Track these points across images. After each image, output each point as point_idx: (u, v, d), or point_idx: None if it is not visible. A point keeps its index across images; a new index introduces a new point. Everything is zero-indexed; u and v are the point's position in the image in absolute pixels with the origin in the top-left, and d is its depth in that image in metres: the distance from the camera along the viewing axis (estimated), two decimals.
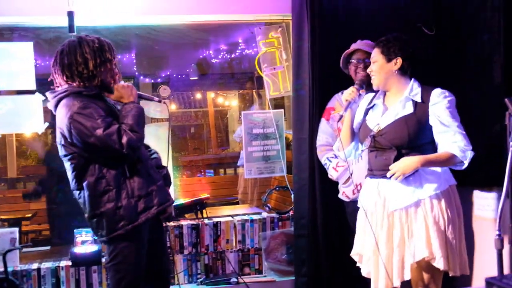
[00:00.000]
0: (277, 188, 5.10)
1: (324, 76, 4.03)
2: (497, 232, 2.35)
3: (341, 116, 3.20)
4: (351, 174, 3.66)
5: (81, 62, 2.91)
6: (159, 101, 3.42)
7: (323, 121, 3.89)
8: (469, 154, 2.95)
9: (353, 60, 3.70)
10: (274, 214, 4.56)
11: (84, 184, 2.91)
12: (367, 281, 3.19)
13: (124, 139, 2.82)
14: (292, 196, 4.31)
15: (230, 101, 13.79)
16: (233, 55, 9.20)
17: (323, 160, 3.85)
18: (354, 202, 3.61)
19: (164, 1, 4.22)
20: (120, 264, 2.96)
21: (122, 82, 3.07)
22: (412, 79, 3.13)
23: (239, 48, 8.60)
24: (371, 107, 3.24)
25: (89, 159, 2.90)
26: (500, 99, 3.46)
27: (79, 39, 2.97)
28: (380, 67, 3.12)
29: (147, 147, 3.29)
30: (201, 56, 9.61)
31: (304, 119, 4.06)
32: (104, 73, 2.98)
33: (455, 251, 3.00)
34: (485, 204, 3.79)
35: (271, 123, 4.55)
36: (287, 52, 4.47)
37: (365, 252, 3.17)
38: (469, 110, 3.71)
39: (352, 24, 4.10)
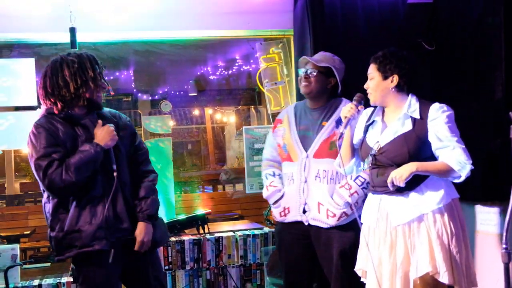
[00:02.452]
0: None
1: None
2: (504, 246, 2.34)
3: (342, 134, 3.15)
4: (282, 196, 3.55)
5: (63, 86, 2.89)
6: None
7: (270, 134, 3.81)
8: (468, 167, 2.92)
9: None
10: None
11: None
12: None
13: (49, 175, 2.82)
14: None
15: (228, 117, 13.84)
16: (230, 71, 9.24)
17: (262, 176, 3.77)
18: (282, 223, 3.61)
19: (165, 17, 4.24)
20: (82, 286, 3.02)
21: (110, 126, 2.99)
22: (410, 95, 3.10)
23: (237, 64, 8.65)
24: (371, 124, 3.23)
25: None
26: (501, 113, 3.51)
27: (61, 61, 2.94)
28: (377, 84, 3.09)
29: (147, 166, 3.23)
30: (199, 73, 9.64)
31: None
32: (88, 92, 2.95)
33: (460, 265, 2.98)
34: (487, 218, 3.79)
35: None
36: (288, 67, 4.50)
37: (369, 268, 3.16)
38: (470, 124, 3.73)
39: (352, 39, 4.14)
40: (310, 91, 3.50)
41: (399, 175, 2.90)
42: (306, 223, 3.47)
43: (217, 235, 4.41)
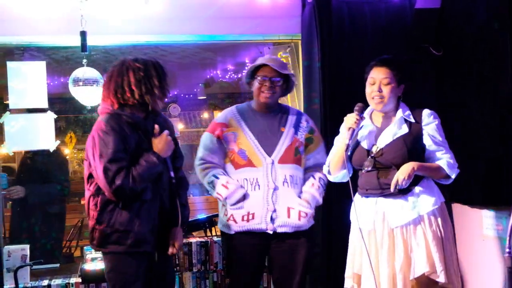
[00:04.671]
0: None
1: (334, 94, 4.09)
2: (508, 250, 2.36)
3: (348, 145, 3.12)
4: (245, 196, 3.34)
5: (127, 90, 2.94)
6: None
7: (207, 139, 3.48)
8: (456, 171, 3.07)
9: (258, 77, 3.39)
10: None
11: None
12: None
13: (118, 182, 2.84)
14: None
15: None
16: (240, 75, 9.25)
17: (207, 178, 3.43)
18: (241, 233, 3.37)
19: (175, 21, 4.28)
20: (110, 273, 3.03)
21: (167, 135, 3.03)
22: (399, 101, 3.18)
23: (246, 68, 8.66)
24: (359, 129, 3.22)
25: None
26: (507, 118, 3.52)
27: (127, 65, 2.98)
28: (394, 91, 3.10)
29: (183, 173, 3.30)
30: (208, 76, 9.66)
31: None
32: (152, 100, 2.98)
33: (452, 264, 3.04)
34: (493, 223, 3.79)
35: None
36: (296, 71, 4.51)
37: (363, 272, 3.13)
38: (475, 128, 3.75)
39: (359, 44, 4.18)
40: (273, 100, 3.42)
41: (403, 175, 2.93)
42: (270, 232, 3.34)
43: None
